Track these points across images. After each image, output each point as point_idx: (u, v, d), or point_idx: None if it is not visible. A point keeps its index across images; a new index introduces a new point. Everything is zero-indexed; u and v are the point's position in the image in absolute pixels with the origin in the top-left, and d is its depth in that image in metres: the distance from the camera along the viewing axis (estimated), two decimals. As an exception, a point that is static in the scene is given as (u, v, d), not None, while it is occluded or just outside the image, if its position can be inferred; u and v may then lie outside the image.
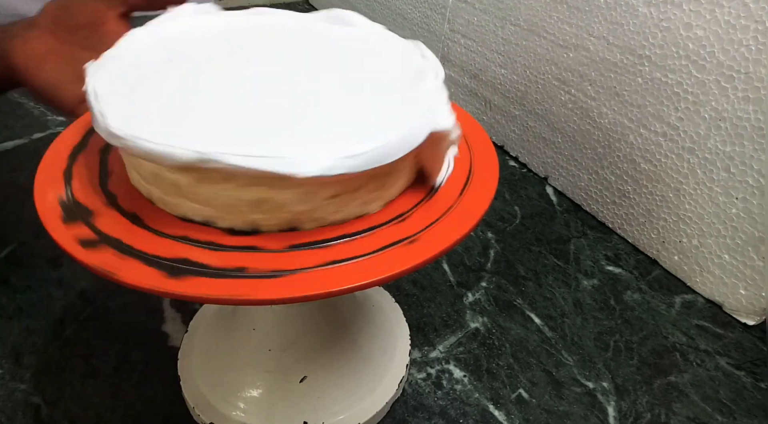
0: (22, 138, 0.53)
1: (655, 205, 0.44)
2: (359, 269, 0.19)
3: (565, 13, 0.47)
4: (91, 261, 0.18)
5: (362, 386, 0.31)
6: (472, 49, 0.59)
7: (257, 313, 0.30)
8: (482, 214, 0.22)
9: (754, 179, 0.37)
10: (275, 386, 0.30)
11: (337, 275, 0.18)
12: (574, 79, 0.48)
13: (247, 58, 0.24)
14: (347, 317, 0.33)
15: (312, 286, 0.18)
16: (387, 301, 0.38)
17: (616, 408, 0.34)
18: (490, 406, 0.33)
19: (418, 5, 0.65)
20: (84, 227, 0.19)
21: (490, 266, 0.44)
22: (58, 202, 0.20)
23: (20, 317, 0.36)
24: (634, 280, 0.44)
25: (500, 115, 0.58)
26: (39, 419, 0.31)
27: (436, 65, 0.24)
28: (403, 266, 0.19)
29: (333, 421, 0.29)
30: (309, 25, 0.27)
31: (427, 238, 0.20)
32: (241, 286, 0.18)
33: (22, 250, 0.41)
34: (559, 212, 0.51)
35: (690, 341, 0.39)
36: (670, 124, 0.41)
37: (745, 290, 0.40)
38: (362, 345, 0.32)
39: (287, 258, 0.19)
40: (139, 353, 0.34)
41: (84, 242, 0.19)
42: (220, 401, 0.29)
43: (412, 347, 0.35)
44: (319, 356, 0.31)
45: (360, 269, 0.19)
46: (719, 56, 0.37)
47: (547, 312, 0.40)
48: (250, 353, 0.30)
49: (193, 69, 0.23)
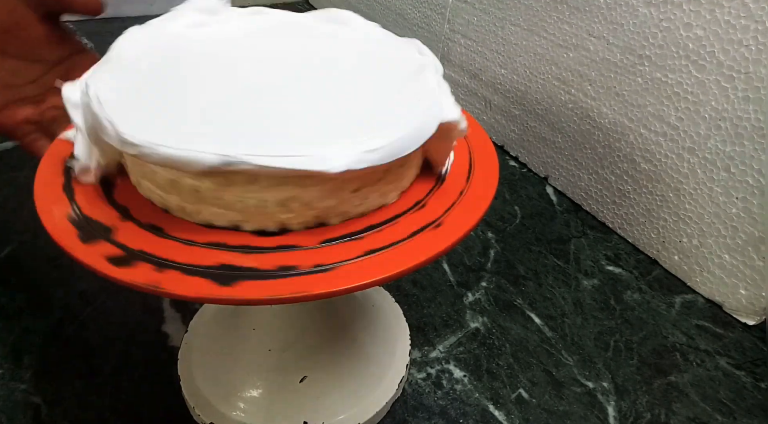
0: (22, 138, 0.53)
1: (655, 205, 0.44)
2: (398, 255, 0.19)
3: (565, 13, 0.47)
4: (131, 279, 0.17)
5: (362, 386, 0.31)
6: (472, 49, 0.59)
7: (257, 313, 0.30)
8: (493, 194, 0.23)
9: (754, 179, 0.37)
10: (275, 386, 0.30)
11: (381, 263, 0.19)
12: (574, 79, 0.48)
13: (250, 58, 0.24)
14: (347, 317, 0.33)
15: (362, 275, 0.18)
16: (387, 301, 0.38)
17: (616, 408, 0.34)
18: (490, 406, 0.33)
19: (418, 5, 0.65)
20: (107, 244, 0.19)
21: (490, 265, 0.44)
22: (69, 221, 0.19)
23: (20, 317, 0.36)
24: (634, 280, 0.44)
25: (500, 115, 0.58)
26: (39, 419, 0.31)
27: (434, 61, 0.24)
28: (437, 248, 0.20)
29: (333, 421, 0.29)
30: (307, 24, 0.27)
31: (450, 221, 0.21)
32: (296, 283, 0.18)
33: (22, 250, 0.41)
34: (559, 211, 0.51)
35: (690, 341, 0.39)
36: (670, 124, 0.41)
37: (745, 290, 0.40)
38: (362, 345, 0.32)
39: (326, 253, 0.19)
40: (139, 353, 0.34)
41: (114, 260, 0.18)
42: (220, 401, 0.29)
43: (412, 347, 0.35)
44: (319, 356, 0.31)
45: (398, 255, 0.19)
46: (719, 56, 0.37)
47: (547, 312, 0.40)
48: (250, 353, 0.30)
49: (197, 70, 0.22)
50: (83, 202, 0.21)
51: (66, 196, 0.21)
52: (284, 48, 0.25)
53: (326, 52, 0.25)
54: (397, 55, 0.25)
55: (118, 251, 0.19)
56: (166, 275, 0.18)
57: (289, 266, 0.18)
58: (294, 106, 0.21)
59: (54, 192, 0.21)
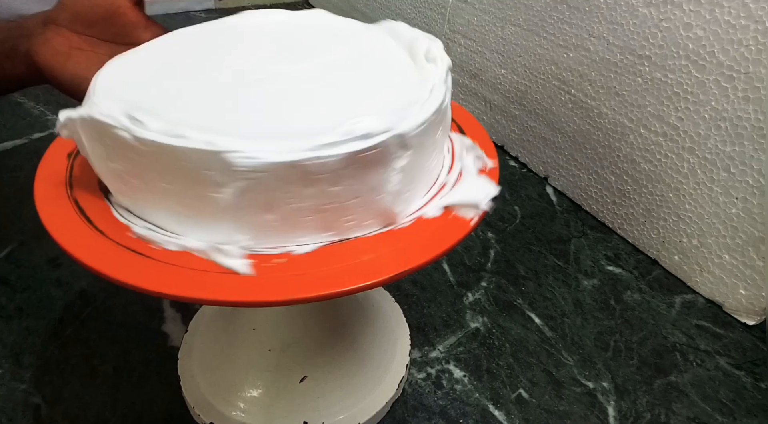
0: (22, 138, 0.53)
1: (655, 205, 0.44)
2: (399, 255, 0.20)
3: (565, 13, 0.47)
4: (133, 280, 0.18)
5: (362, 386, 0.31)
6: (472, 49, 0.59)
7: (257, 313, 0.30)
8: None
9: (754, 179, 0.37)
10: (275, 386, 0.30)
11: (380, 264, 0.19)
12: (574, 79, 0.48)
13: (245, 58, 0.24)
14: (347, 317, 0.33)
15: (361, 277, 0.18)
16: (387, 301, 0.38)
17: (616, 408, 0.34)
18: (490, 406, 0.33)
19: (418, 5, 0.65)
20: (108, 243, 0.19)
21: (490, 266, 0.44)
22: (69, 221, 0.20)
23: (20, 317, 0.36)
24: (634, 280, 0.44)
25: (500, 115, 0.58)
26: (39, 419, 0.31)
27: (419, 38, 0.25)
28: (437, 249, 0.20)
29: (333, 421, 0.29)
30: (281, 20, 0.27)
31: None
32: (298, 285, 0.18)
33: (22, 250, 0.41)
34: (559, 211, 0.51)
35: (690, 341, 0.39)
36: (670, 124, 0.41)
37: (745, 290, 0.40)
38: (362, 345, 0.32)
39: (326, 253, 0.20)
40: (139, 353, 0.34)
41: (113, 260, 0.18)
42: (220, 401, 0.29)
43: (412, 346, 0.35)
44: (319, 357, 0.31)
45: (399, 255, 0.20)
46: (719, 56, 0.37)
47: (547, 312, 0.40)
48: (250, 353, 0.30)
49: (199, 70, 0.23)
50: (84, 202, 0.21)
51: (67, 196, 0.21)
52: (263, 48, 0.25)
53: (319, 52, 0.25)
54: (378, 43, 0.26)
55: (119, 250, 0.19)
56: (166, 276, 0.18)
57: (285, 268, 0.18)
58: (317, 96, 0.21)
59: (55, 192, 0.21)
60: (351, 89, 0.22)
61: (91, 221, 0.20)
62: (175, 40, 0.25)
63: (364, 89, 0.22)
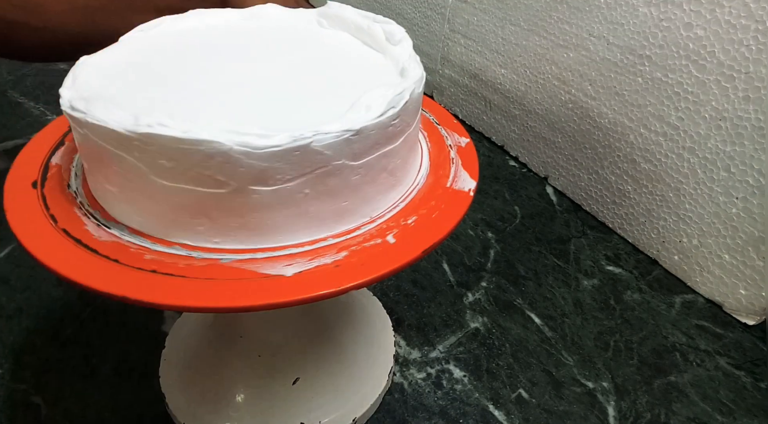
0: (22, 138, 0.53)
1: (655, 205, 0.44)
2: (379, 256, 0.20)
3: (565, 13, 0.47)
4: (110, 289, 0.17)
5: (353, 381, 0.31)
6: (472, 49, 0.59)
7: (243, 320, 0.29)
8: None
9: (754, 179, 0.37)
10: (268, 390, 0.29)
11: (360, 266, 0.19)
12: (574, 79, 0.48)
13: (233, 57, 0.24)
14: (330, 317, 0.32)
15: (341, 279, 0.19)
16: (364, 296, 0.37)
17: (616, 408, 0.34)
18: (490, 406, 0.33)
19: (418, 5, 0.65)
20: (85, 252, 0.19)
21: (490, 265, 0.44)
22: (45, 232, 0.19)
23: (20, 317, 0.36)
24: (634, 280, 0.44)
25: (500, 115, 0.58)
26: (39, 419, 0.31)
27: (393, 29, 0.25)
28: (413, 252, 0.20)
29: (329, 419, 0.29)
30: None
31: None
32: (282, 288, 0.18)
33: (22, 250, 0.41)
34: (559, 211, 0.51)
35: (690, 341, 0.39)
36: (670, 124, 0.41)
37: (745, 289, 0.40)
38: (347, 342, 0.32)
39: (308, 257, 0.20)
40: (139, 353, 0.34)
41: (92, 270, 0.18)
42: (212, 414, 0.29)
43: (411, 346, 0.35)
44: (309, 357, 0.30)
45: (379, 256, 0.20)
46: (719, 56, 0.37)
47: (547, 312, 0.40)
48: (239, 361, 0.30)
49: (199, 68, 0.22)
50: (59, 213, 0.20)
51: (41, 207, 0.20)
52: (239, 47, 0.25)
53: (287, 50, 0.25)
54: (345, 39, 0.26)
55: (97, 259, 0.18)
56: (146, 284, 0.17)
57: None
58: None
59: (27, 203, 0.20)
60: (336, 81, 0.22)
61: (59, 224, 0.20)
62: (135, 45, 0.24)
63: (346, 80, 0.23)
